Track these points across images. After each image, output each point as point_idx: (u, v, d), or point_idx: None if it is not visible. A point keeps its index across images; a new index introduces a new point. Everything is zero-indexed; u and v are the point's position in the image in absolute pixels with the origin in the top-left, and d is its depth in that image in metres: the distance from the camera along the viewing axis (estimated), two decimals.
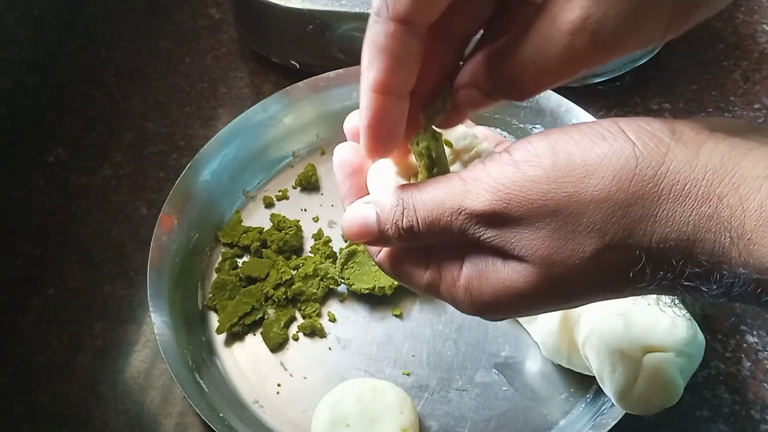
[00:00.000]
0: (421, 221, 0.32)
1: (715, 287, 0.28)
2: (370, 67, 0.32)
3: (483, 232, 0.31)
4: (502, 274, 0.32)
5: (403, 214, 0.33)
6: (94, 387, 0.56)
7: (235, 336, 0.58)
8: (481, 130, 0.39)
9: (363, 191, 0.37)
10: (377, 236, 0.34)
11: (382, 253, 0.36)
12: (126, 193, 0.67)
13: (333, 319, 0.58)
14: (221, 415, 0.52)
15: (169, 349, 0.53)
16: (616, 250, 0.29)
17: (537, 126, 0.66)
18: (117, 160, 0.69)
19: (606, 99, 0.71)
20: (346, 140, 0.39)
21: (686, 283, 0.29)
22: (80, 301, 0.61)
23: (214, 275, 0.61)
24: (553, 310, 0.44)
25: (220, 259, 0.61)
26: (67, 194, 0.67)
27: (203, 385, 0.54)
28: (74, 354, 0.58)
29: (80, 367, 0.57)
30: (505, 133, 0.67)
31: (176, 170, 0.64)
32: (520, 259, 0.31)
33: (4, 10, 0.69)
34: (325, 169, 0.66)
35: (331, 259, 0.60)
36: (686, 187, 0.28)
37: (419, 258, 0.35)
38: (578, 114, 0.64)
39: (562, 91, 0.65)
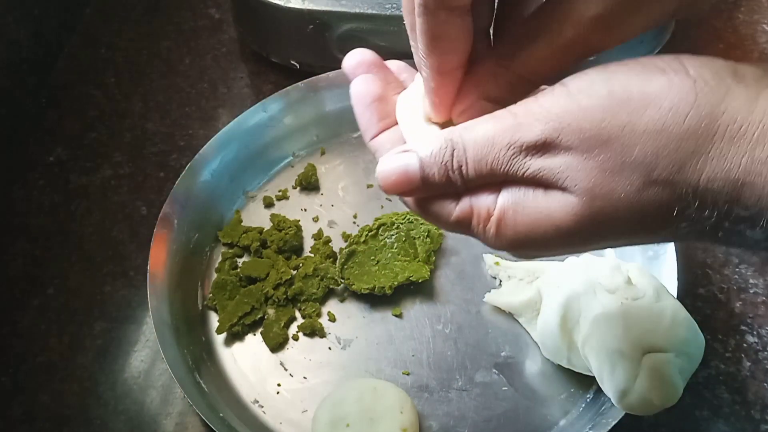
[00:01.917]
0: (471, 160, 0.31)
1: (759, 232, 0.28)
2: (431, 54, 0.33)
3: (530, 164, 0.30)
4: (542, 204, 0.30)
5: (453, 154, 0.31)
6: (94, 387, 0.56)
7: (235, 336, 0.58)
8: None
9: (385, 120, 0.35)
10: (418, 184, 0.32)
11: None
12: (126, 193, 0.67)
13: (333, 319, 0.58)
14: (221, 415, 0.52)
15: (169, 349, 0.53)
16: (662, 185, 0.28)
17: None
18: (117, 160, 0.69)
19: None
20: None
21: (730, 227, 0.28)
22: (80, 301, 0.61)
23: (214, 275, 0.61)
24: (586, 250, 0.43)
25: (220, 259, 0.61)
26: (67, 194, 0.67)
27: (203, 385, 0.54)
28: (74, 354, 0.58)
29: (80, 367, 0.57)
30: None
31: (176, 170, 0.64)
32: (563, 189, 0.30)
33: (4, 10, 0.69)
34: (325, 169, 0.66)
35: (331, 259, 0.60)
36: (742, 128, 0.27)
37: (451, 194, 0.33)
38: None
39: None
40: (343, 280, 0.59)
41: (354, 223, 0.63)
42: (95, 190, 0.67)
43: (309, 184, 0.65)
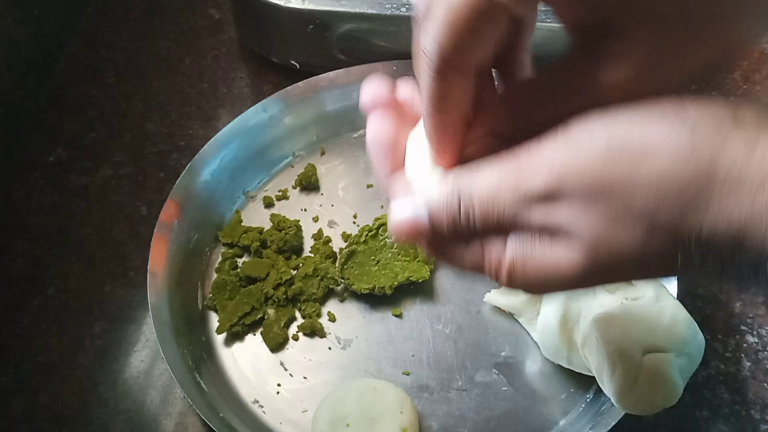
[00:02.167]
0: (478, 210, 0.31)
1: (765, 280, 0.28)
2: (435, 113, 0.33)
3: (536, 213, 0.31)
4: (549, 255, 0.31)
5: (460, 204, 0.32)
6: (94, 387, 0.56)
7: (235, 336, 0.58)
8: None
9: (398, 164, 0.36)
10: (428, 233, 0.33)
11: None
12: (126, 193, 0.67)
13: (333, 319, 0.58)
14: (221, 415, 0.52)
15: (169, 349, 0.53)
16: (665, 234, 0.29)
17: None
18: (117, 160, 0.69)
19: None
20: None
21: (735, 273, 0.28)
22: (80, 301, 0.61)
23: (214, 275, 0.61)
24: (594, 286, 0.44)
25: (220, 259, 0.61)
26: (67, 194, 0.67)
27: (203, 385, 0.54)
28: (74, 354, 0.58)
29: (80, 367, 0.57)
30: None
31: (176, 170, 0.64)
32: (568, 238, 0.30)
33: (4, 10, 0.69)
34: (325, 169, 0.66)
35: (331, 259, 0.60)
36: (742, 176, 0.27)
37: (461, 237, 0.34)
38: None
39: None
40: (343, 280, 0.59)
41: (354, 223, 0.63)
42: (95, 190, 0.67)
43: (309, 184, 0.65)
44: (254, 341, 0.58)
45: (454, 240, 0.34)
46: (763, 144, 0.27)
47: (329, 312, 0.59)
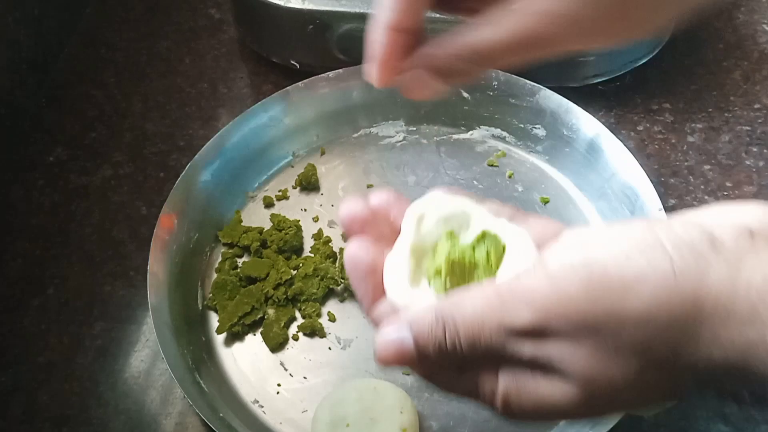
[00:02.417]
0: (464, 339, 0.31)
1: None
2: (392, 9, 0.35)
3: (524, 348, 0.30)
4: (544, 390, 0.31)
5: (444, 333, 0.32)
6: (94, 387, 0.56)
7: (235, 336, 0.58)
8: (491, 205, 0.38)
9: (379, 290, 0.36)
10: (415, 359, 0.33)
11: None
12: (126, 193, 0.67)
13: (333, 319, 0.58)
14: (221, 415, 0.52)
15: (169, 349, 0.53)
16: (659, 370, 0.28)
17: (537, 126, 0.66)
18: (117, 160, 0.69)
19: (606, 99, 0.71)
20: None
21: (738, 400, 0.28)
22: (80, 301, 0.61)
23: (214, 275, 0.61)
24: (594, 417, 0.45)
25: (220, 259, 0.61)
26: (67, 194, 0.67)
27: (203, 385, 0.54)
28: (74, 354, 0.58)
29: (80, 367, 0.57)
30: (505, 134, 0.67)
31: (176, 170, 0.64)
32: (561, 375, 0.30)
33: (4, 10, 0.69)
34: (325, 169, 0.66)
35: (331, 259, 0.60)
36: (728, 309, 0.27)
37: (454, 367, 0.34)
38: (578, 114, 0.64)
39: (562, 91, 0.65)
40: (343, 280, 0.59)
41: None
42: (95, 190, 0.67)
43: (309, 184, 0.65)
44: (254, 341, 0.58)
45: (443, 366, 0.34)
46: (747, 270, 0.27)
47: (329, 312, 0.59)
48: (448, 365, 0.34)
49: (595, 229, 0.32)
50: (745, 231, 0.28)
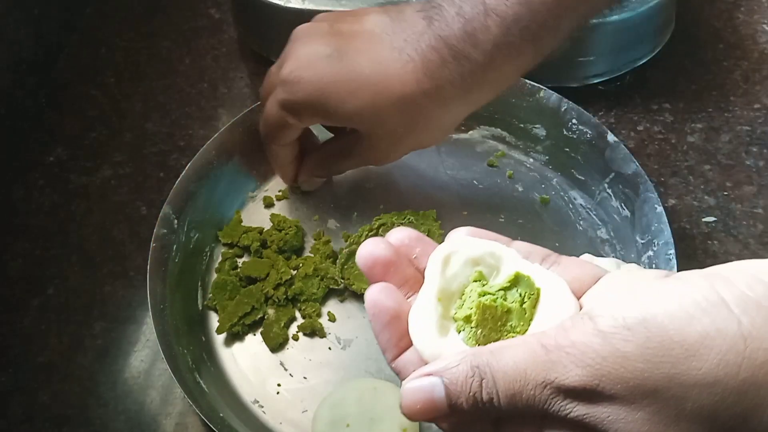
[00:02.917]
0: (503, 393, 0.29)
1: None
2: (273, 161, 0.62)
3: (572, 409, 0.28)
4: None
5: (481, 385, 0.29)
6: (94, 387, 0.56)
7: (235, 336, 0.58)
8: (521, 246, 0.36)
9: (404, 339, 0.34)
10: (446, 411, 0.30)
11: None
12: (126, 193, 0.67)
13: (333, 319, 0.58)
14: (221, 415, 0.52)
15: (169, 349, 0.53)
16: None
17: (537, 126, 0.66)
18: (117, 160, 0.69)
19: (606, 99, 0.71)
20: (365, 251, 0.36)
21: None
22: (80, 301, 0.61)
23: (214, 275, 0.61)
24: None
25: (220, 259, 0.61)
26: (67, 194, 0.67)
27: (203, 385, 0.54)
28: (74, 354, 0.58)
29: (80, 367, 0.57)
30: (505, 134, 0.67)
31: (176, 170, 0.64)
32: None
33: (4, 10, 0.69)
34: None
35: (331, 259, 0.60)
36: None
37: (489, 423, 0.31)
38: (578, 114, 0.64)
39: (563, 91, 0.65)
40: (343, 280, 0.59)
41: (354, 223, 0.63)
42: (95, 190, 0.67)
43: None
44: (254, 341, 0.58)
45: (477, 423, 0.31)
46: None
47: (329, 312, 0.59)
48: (481, 420, 0.31)
49: (644, 278, 0.30)
50: None
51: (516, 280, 0.34)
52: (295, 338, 0.58)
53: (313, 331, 0.58)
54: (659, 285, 0.28)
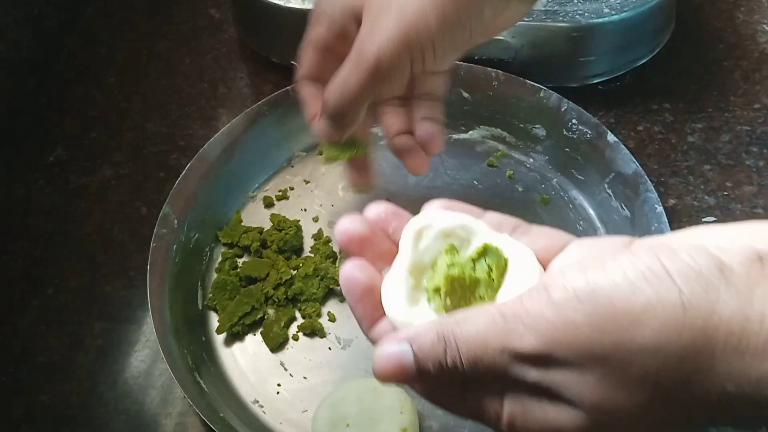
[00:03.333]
0: (465, 358, 0.31)
1: None
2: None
3: (528, 372, 0.30)
4: (551, 415, 0.30)
5: (446, 351, 0.31)
6: (94, 387, 0.56)
7: (235, 336, 0.58)
8: (493, 217, 0.37)
9: (378, 310, 0.36)
10: (415, 376, 0.32)
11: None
12: (126, 193, 0.67)
13: (333, 319, 0.58)
14: (221, 415, 0.52)
15: (169, 349, 0.53)
16: (670, 401, 0.28)
17: (537, 126, 0.66)
18: (117, 160, 0.69)
19: (606, 99, 0.71)
20: (342, 228, 0.37)
21: (755, 427, 0.27)
22: (80, 301, 0.61)
23: (214, 275, 0.61)
24: None
25: (220, 259, 0.61)
26: (67, 194, 0.67)
27: (203, 385, 0.54)
28: (74, 354, 0.58)
29: (80, 367, 0.57)
30: (505, 134, 0.67)
31: (176, 170, 0.64)
32: (568, 402, 0.30)
33: (4, 10, 0.69)
34: (325, 169, 0.66)
35: (331, 259, 0.60)
36: (742, 341, 0.26)
37: (457, 387, 0.33)
38: (578, 114, 0.64)
39: (562, 91, 0.65)
40: None
41: None
42: (95, 190, 0.67)
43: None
44: (254, 341, 0.58)
45: (445, 387, 0.33)
46: (759, 300, 0.26)
47: (329, 312, 0.59)
48: (449, 385, 0.33)
49: (598, 247, 0.31)
50: (754, 256, 0.27)
51: (485, 251, 0.35)
52: (295, 338, 0.58)
53: (313, 331, 0.58)
54: (609, 258, 0.29)
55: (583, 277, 0.29)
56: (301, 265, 0.60)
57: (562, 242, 0.34)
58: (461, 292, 0.35)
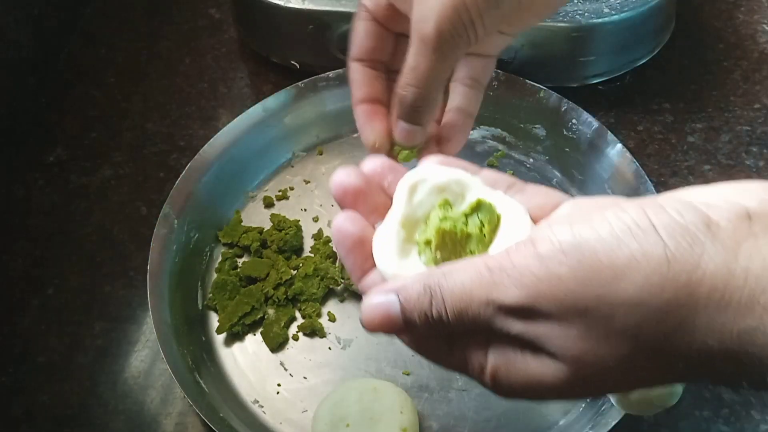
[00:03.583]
0: (450, 310, 0.31)
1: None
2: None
3: (512, 325, 0.30)
4: (533, 368, 0.31)
5: (431, 302, 0.31)
6: (94, 387, 0.56)
7: (235, 336, 0.58)
8: (489, 175, 0.37)
9: (368, 261, 0.36)
10: (401, 327, 0.32)
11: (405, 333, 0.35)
12: (126, 193, 0.67)
13: (333, 319, 0.58)
14: (221, 415, 0.52)
15: (169, 349, 0.53)
16: (651, 355, 0.28)
17: (537, 126, 0.66)
18: (117, 160, 0.69)
19: (606, 99, 0.71)
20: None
21: (736, 388, 0.27)
22: (80, 301, 0.61)
23: (214, 275, 0.61)
24: (583, 398, 0.44)
25: (220, 259, 0.61)
26: (67, 194, 0.67)
27: (203, 385, 0.54)
28: (74, 354, 0.58)
29: (80, 367, 0.57)
30: (505, 134, 0.67)
31: (176, 170, 0.64)
32: (550, 355, 0.30)
33: (4, 10, 0.69)
34: (325, 169, 0.66)
35: (331, 259, 0.60)
36: (726, 296, 0.26)
37: (443, 339, 0.33)
38: (578, 114, 0.64)
39: (562, 91, 0.65)
40: (343, 280, 0.59)
41: None
42: (95, 190, 0.67)
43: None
44: (254, 341, 0.58)
45: (431, 337, 0.34)
46: (744, 256, 0.26)
47: (329, 312, 0.59)
48: (435, 336, 0.33)
49: (590, 204, 0.31)
50: (742, 213, 0.27)
51: (478, 206, 0.35)
52: (295, 338, 0.58)
53: (313, 331, 0.58)
54: (596, 211, 0.29)
55: (569, 230, 0.29)
56: (301, 265, 0.60)
57: (556, 201, 0.34)
58: (452, 246, 0.35)
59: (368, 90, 0.47)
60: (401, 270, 0.34)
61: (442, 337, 0.33)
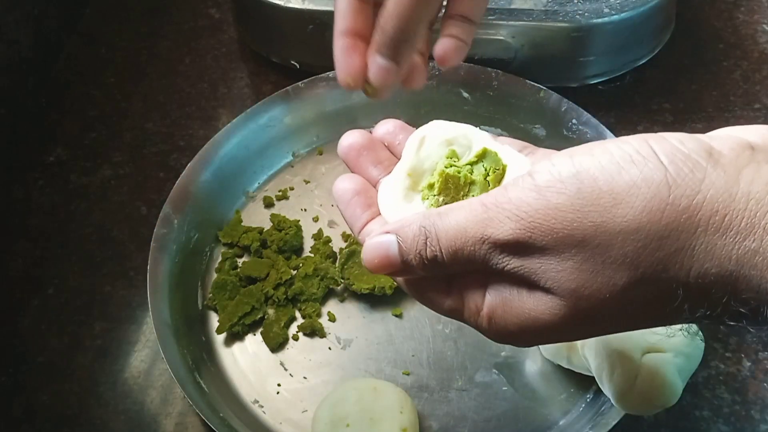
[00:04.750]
0: (445, 250, 0.31)
1: (761, 324, 0.26)
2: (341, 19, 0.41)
3: (507, 262, 0.30)
4: (528, 305, 0.30)
5: (426, 243, 0.31)
6: (94, 387, 0.56)
7: (235, 336, 0.58)
8: (501, 139, 0.37)
9: (367, 212, 0.36)
10: (400, 267, 0.33)
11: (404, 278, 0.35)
12: (126, 193, 0.67)
13: (333, 319, 0.58)
14: (221, 415, 0.52)
15: (169, 349, 0.53)
16: (649, 284, 0.27)
17: (537, 126, 0.66)
18: (117, 160, 0.69)
19: (606, 99, 0.71)
20: (344, 139, 0.38)
21: (730, 319, 0.27)
22: (80, 301, 0.61)
23: (214, 275, 0.61)
24: (581, 339, 0.43)
25: (220, 259, 0.61)
26: (67, 194, 0.67)
27: (203, 385, 0.54)
28: (74, 354, 0.58)
29: (80, 367, 0.57)
30: (505, 134, 0.67)
31: (176, 170, 0.64)
32: (546, 290, 0.29)
33: (4, 10, 0.69)
34: (325, 169, 0.66)
35: (331, 259, 0.60)
36: (726, 219, 0.26)
37: (441, 283, 0.33)
38: (578, 114, 0.64)
39: (562, 91, 0.65)
40: (343, 280, 0.59)
41: None
42: (95, 190, 0.67)
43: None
44: (254, 341, 0.58)
45: (429, 280, 0.34)
46: (744, 183, 0.26)
47: (329, 312, 0.59)
48: (433, 278, 0.33)
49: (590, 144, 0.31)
50: (745, 144, 0.27)
51: (483, 155, 0.35)
52: (295, 338, 0.58)
53: (313, 331, 0.58)
54: (599, 145, 0.29)
55: (569, 161, 0.29)
56: (301, 265, 0.60)
57: None
58: (455, 191, 0.35)
59: (351, 22, 0.42)
60: (404, 214, 0.35)
61: (440, 279, 0.33)
